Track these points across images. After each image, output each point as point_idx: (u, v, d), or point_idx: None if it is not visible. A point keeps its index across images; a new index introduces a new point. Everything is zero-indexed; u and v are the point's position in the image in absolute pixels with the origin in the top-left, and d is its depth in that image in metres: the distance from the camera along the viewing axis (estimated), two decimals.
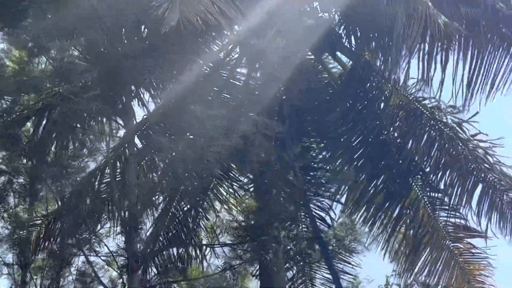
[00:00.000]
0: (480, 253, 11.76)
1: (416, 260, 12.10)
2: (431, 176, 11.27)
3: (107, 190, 11.13)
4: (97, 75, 9.81)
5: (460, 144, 10.31)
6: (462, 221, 11.28)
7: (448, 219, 11.63)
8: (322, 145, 12.12)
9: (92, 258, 11.21)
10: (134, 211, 9.73)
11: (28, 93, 10.54)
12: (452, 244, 11.84)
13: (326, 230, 11.93)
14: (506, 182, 9.99)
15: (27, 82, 10.16)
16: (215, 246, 11.40)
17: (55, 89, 10.48)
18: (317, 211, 12.51)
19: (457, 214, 11.38)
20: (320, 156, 12.29)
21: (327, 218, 12.11)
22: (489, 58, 9.66)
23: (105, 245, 11.03)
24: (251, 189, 11.88)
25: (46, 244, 11.49)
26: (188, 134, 9.94)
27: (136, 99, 10.67)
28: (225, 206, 11.82)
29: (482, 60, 9.59)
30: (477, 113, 10.15)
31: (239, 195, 11.93)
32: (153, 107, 11.12)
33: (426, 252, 12.02)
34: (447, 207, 11.52)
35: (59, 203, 11.10)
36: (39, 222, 11.67)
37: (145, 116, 11.27)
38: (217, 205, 11.99)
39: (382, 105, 11.40)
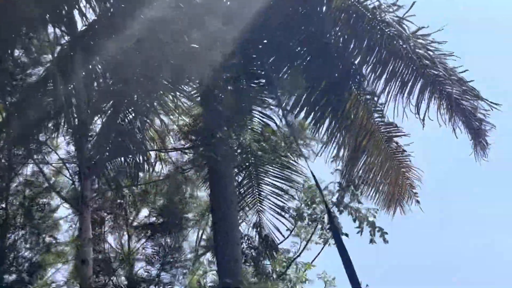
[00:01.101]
0: (404, 151, 12.36)
1: (356, 162, 12.60)
2: (370, 77, 11.56)
3: (53, 98, 10.98)
4: None
5: (401, 42, 10.60)
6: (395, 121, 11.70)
7: (382, 119, 12.10)
8: (266, 51, 12.23)
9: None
10: (84, 118, 9.76)
11: None
12: (386, 144, 12.36)
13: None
14: (447, 76, 10.32)
15: None
16: (164, 151, 11.52)
17: None
18: (263, 119, 12.90)
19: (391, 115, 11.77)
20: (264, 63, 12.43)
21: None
22: None
23: (56, 152, 10.99)
24: (198, 99, 12.03)
25: None
26: (135, 40, 9.87)
27: (78, 6, 10.47)
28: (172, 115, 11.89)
29: None
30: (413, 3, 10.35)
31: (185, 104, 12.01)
32: (96, 15, 10.93)
33: (365, 154, 12.54)
34: (381, 109, 11.97)
35: (5, 113, 10.95)
36: None
37: (86, 26, 11.10)
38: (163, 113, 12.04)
39: (324, 8, 11.54)
